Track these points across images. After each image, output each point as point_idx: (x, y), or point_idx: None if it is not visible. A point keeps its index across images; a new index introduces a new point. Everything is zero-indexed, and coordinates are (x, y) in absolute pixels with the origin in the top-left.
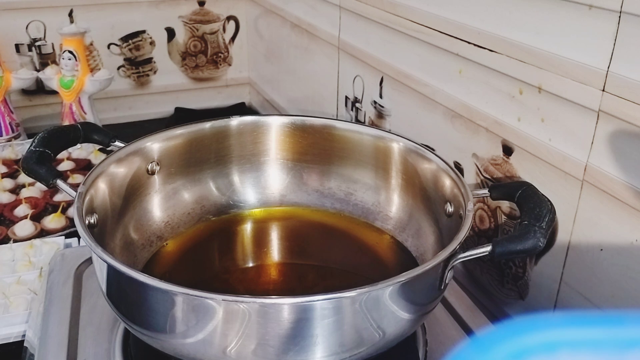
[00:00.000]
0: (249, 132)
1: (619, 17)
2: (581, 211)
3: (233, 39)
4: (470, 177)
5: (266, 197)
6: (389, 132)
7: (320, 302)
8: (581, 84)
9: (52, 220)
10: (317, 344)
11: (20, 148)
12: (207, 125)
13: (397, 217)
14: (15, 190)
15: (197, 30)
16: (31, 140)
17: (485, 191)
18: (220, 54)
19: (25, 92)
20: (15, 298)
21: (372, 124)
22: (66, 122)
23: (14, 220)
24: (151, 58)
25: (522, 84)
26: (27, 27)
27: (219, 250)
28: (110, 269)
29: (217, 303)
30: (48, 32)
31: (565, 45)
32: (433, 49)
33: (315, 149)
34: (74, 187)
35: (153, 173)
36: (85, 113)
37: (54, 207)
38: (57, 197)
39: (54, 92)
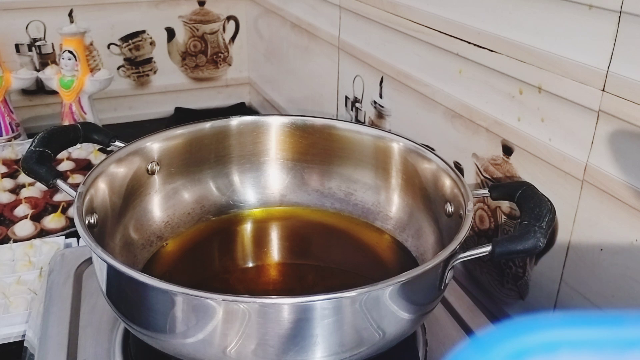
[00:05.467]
0: (249, 132)
1: (619, 17)
2: (581, 211)
3: (233, 39)
4: (470, 177)
5: (266, 197)
6: (389, 132)
7: (320, 302)
8: (581, 84)
9: (52, 220)
10: (317, 344)
11: (20, 148)
12: (207, 125)
13: (397, 217)
14: (15, 190)
15: (197, 30)
16: (31, 140)
17: (485, 191)
18: (220, 54)
19: (25, 92)
20: (15, 298)
21: (372, 124)
22: (66, 122)
23: (14, 220)
24: (151, 58)
25: (522, 84)
26: (27, 27)
27: (219, 250)
28: (110, 269)
29: (217, 303)
30: (48, 32)
31: (565, 45)
32: (433, 49)
33: (315, 149)
34: (74, 187)
35: (153, 173)
36: (85, 113)
37: (54, 207)
38: (57, 197)
39: (54, 92)
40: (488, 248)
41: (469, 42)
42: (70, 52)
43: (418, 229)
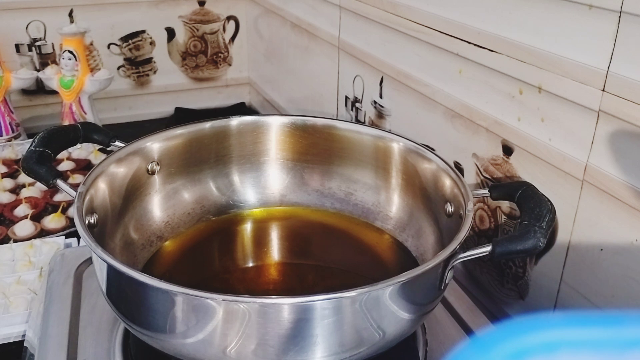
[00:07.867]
0: (249, 132)
1: (619, 17)
2: (581, 211)
3: (233, 39)
4: (470, 177)
5: (266, 197)
6: (389, 132)
7: (320, 302)
8: (581, 84)
9: (52, 220)
10: (317, 344)
11: (20, 148)
12: (207, 125)
13: (397, 217)
14: (15, 190)
15: (197, 30)
16: (31, 140)
17: (485, 191)
18: (220, 54)
19: (25, 92)
20: (15, 298)
21: (372, 124)
22: (66, 122)
23: (14, 220)
24: (151, 58)
25: (522, 84)
26: (27, 27)
27: (219, 250)
28: (110, 269)
29: (217, 303)
30: (48, 32)
31: (565, 45)
32: (433, 49)
33: (315, 149)
34: (74, 187)
35: (153, 173)
36: (85, 113)
37: (54, 207)
38: (57, 197)
39: (54, 92)
40: (488, 248)
41: (469, 42)
42: (70, 52)
43: (418, 229)
